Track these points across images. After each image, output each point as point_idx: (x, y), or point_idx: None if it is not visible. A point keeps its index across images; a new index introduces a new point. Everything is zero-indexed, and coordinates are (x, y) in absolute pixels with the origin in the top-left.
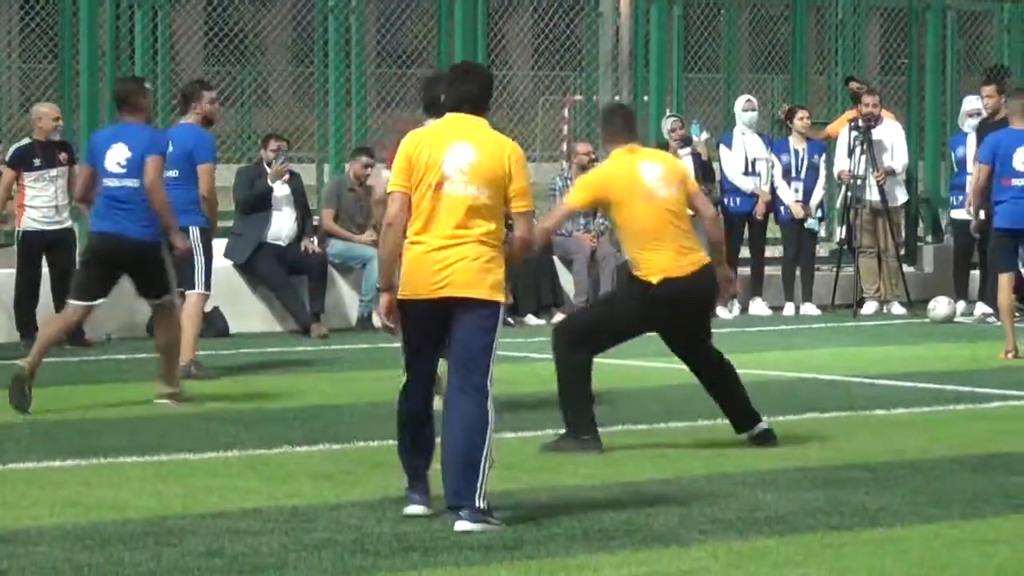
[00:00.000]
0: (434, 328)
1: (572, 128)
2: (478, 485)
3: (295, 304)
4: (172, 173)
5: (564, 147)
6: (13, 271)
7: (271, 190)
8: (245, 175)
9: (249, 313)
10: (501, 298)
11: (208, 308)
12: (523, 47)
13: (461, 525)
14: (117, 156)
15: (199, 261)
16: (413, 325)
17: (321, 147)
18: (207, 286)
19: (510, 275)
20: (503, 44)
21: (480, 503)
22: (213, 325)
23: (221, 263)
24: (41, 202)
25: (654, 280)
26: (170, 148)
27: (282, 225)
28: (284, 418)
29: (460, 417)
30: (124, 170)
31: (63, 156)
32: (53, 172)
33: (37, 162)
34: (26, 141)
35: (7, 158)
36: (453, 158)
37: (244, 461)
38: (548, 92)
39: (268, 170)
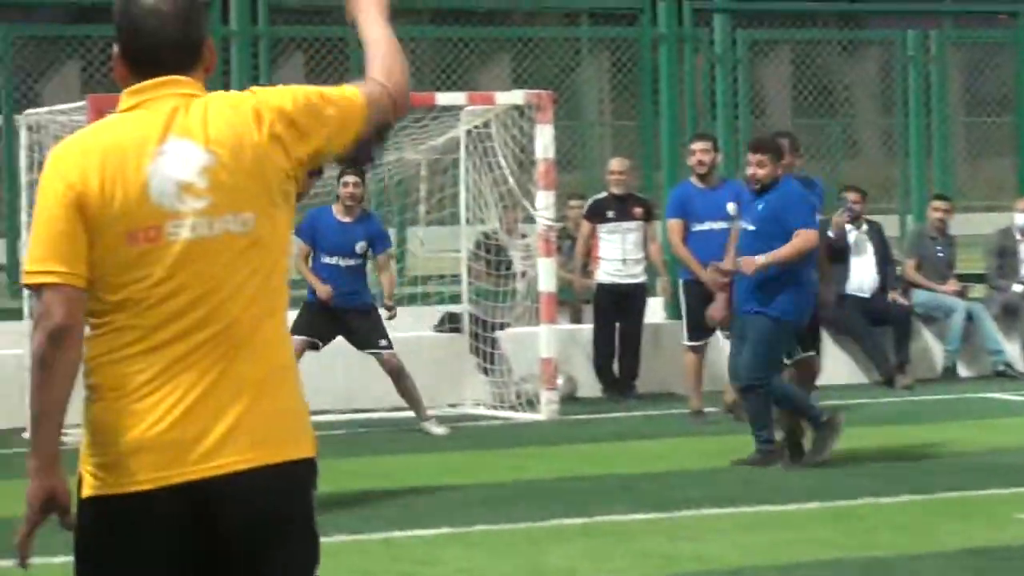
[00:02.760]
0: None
1: None
2: None
3: (879, 354)
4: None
5: None
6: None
7: (833, 242)
8: (820, 227)
9: (833, 364)
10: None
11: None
12: None
13: None
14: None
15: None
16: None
17: (903, 197)
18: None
19: None
20: None
21: None
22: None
23: None
24: (612, 255)
25: None
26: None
27: (863, 276)
28: (868, 469)
29: None
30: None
31: (638, 211)
32: (625, 225)
33: (610, 214)
34: (603, 195)
35: (585, 210)
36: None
37: (826, 512)
38: None
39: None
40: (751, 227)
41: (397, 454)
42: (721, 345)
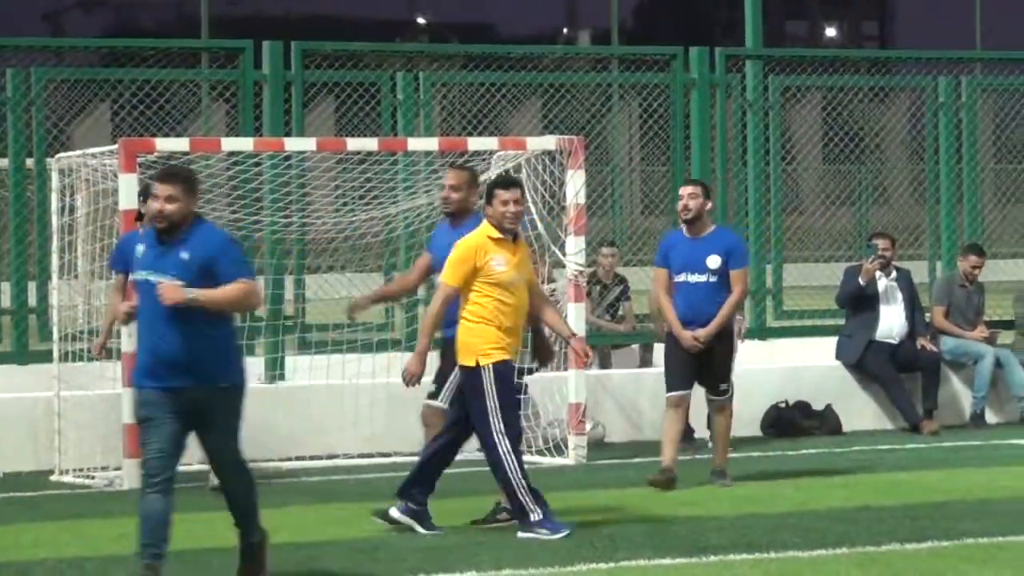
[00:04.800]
0: None
1: None
2: None
3: (905, 401)
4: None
5: None
6: None
7: (863, 289)
8: (850, 274)
9: (861, 411)
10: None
11: (821, 406)
12: None
13: None
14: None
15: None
16: None
17: (933, 244)
18: None
19: None
20: None
21: None
22: (826, 423)
23: (831, 363)
24: None
25: None
26: None
27: (892, 323)
28: (894, 515)
29: None
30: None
31: None
32: None
33: None
34: None
35: None
36: None
37: (853, 558)
38: None
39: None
40: (179, 281)
41: None
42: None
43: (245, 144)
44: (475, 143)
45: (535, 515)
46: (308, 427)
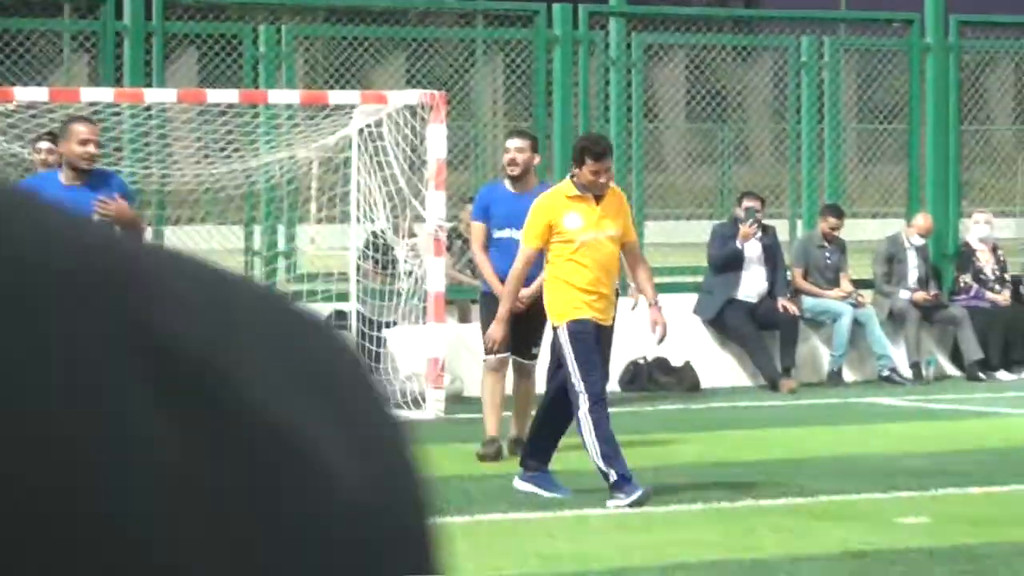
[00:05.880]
0: None
1: None
2: None
3: (764, 359)
4: None
5: None
6: None
7: (741, 251)
8: (719, 233)
9: (719, 368)
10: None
11: (680, 363)
12: (1003, 102)
13: None
14: None
15: None
16: None
17: (794, 203)
18: None
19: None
20: (983, 99)
21: None
22: (684, 380)
23: (691, 319)
24: None
25: None
26: None
27: (753, 283)
28: (749, 472)
29: None
30: None
31: None
32: None
33: None
34: None
35: None
36: None
37: (708, 513)
38: None
39: (741, 228)
40: None
41: None
42: None
43: (105, 95)
44: (336, 96)
45: (613, 476)
46: None
